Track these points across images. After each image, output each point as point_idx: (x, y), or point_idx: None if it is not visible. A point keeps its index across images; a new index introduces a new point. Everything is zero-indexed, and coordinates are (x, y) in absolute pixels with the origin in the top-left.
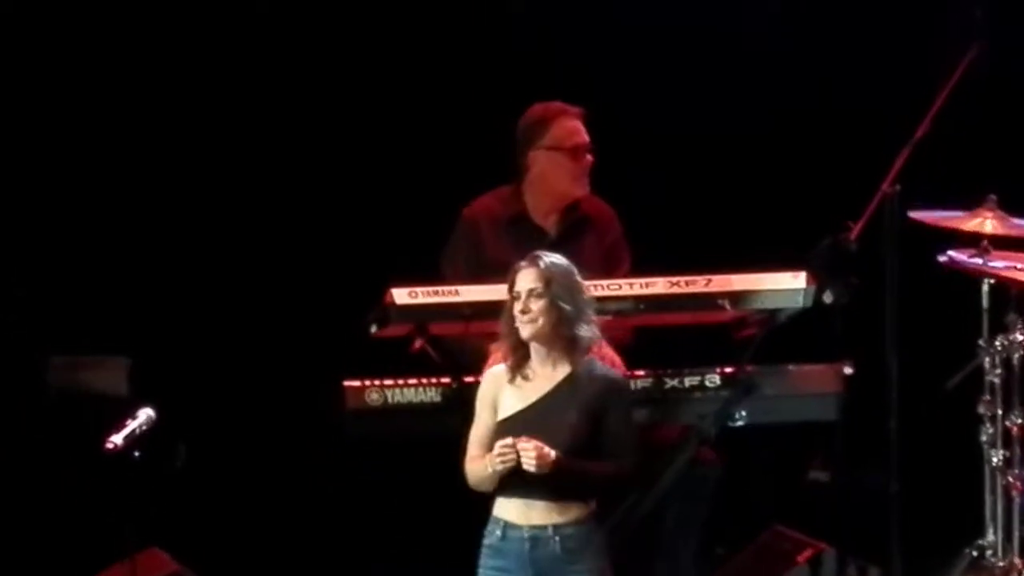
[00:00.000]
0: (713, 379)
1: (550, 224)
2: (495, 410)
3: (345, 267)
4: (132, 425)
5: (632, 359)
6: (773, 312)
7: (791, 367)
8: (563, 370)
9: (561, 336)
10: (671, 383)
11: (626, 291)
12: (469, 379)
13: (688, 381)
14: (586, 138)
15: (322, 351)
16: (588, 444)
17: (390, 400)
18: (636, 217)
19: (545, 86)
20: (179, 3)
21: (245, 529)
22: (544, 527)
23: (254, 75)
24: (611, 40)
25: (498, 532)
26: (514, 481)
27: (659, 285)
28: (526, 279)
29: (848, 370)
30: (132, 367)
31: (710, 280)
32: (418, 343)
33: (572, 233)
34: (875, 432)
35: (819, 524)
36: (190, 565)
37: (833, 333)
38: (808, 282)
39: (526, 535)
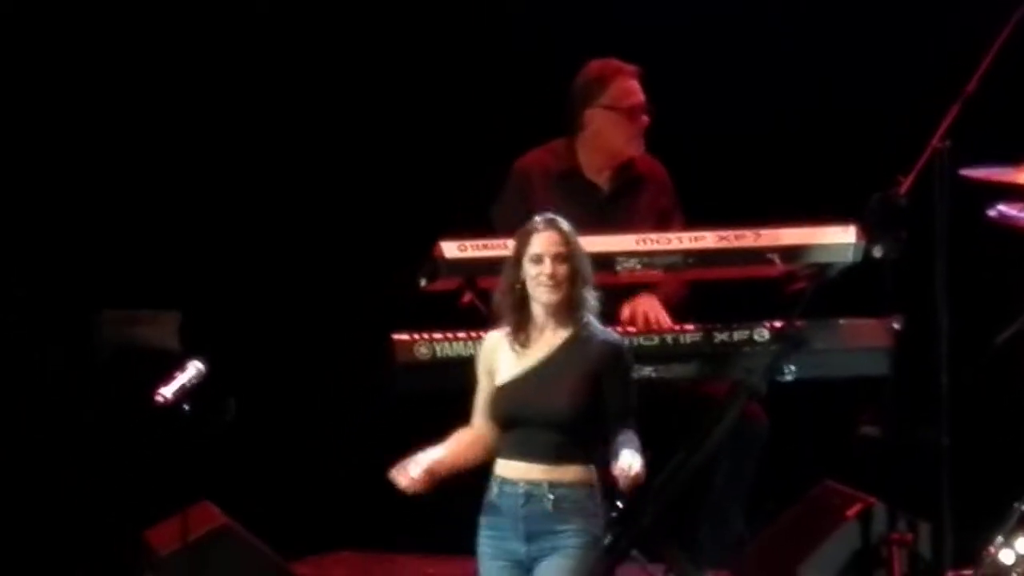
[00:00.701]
0: (762, 333)
1: (603, 180)
2: (492, 376)
3: (394, 221)
4: (182, 379)
5: (681, 313)
6: (823, 266)
7: (841, 321)
8: (562, 334)
9: (573, 299)
10: (720, 337)
11: (675, 245)
12: None
13: (737, 336)
14: (642, 98)
15: (371, 305)
16: (587, 409)
17: (439, 353)
18: (683, 173)
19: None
20: None
21: (294, 483)
22: (539, 483)
23: (303, 47)
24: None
25: (495, 489)
26: (514, 443)
27: (708, 239)
28: (551, 243)
29: (898, 325)
30: (183, 321)
31: (759, 234)
32: (467, 297)
33: (625, 191)
34: (925, 387)
35: (869, 479)
36: (240, 519)
37: (883, 288)
38: (858, 237)
39: (521, 490)
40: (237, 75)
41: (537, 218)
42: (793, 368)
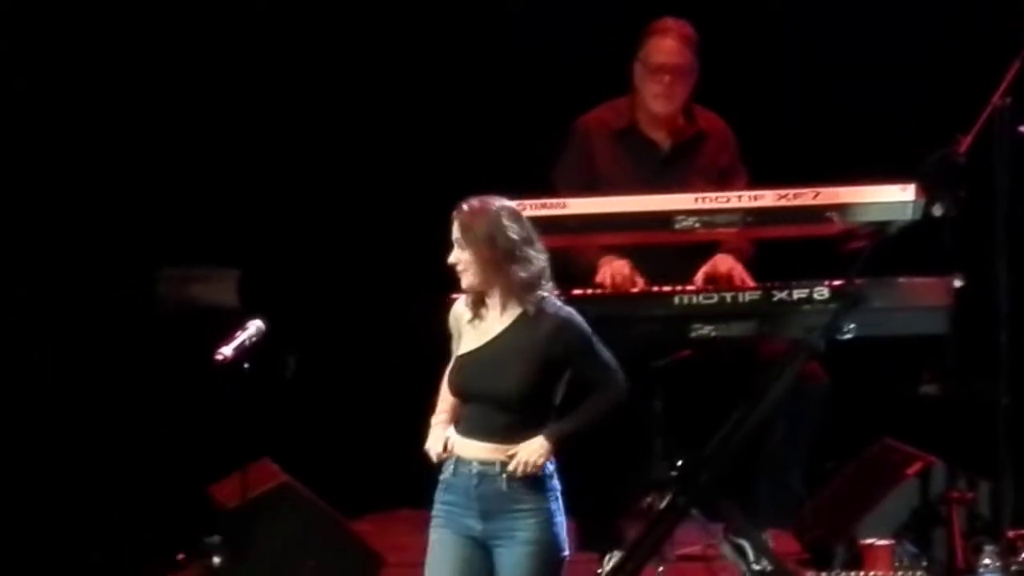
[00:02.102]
0: (822, 292)
1: (661, 137)
2: (458, 343)
3: (452, 180)
4: (242, 337)
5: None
6: (882, 225)
7: (900, 280)
8: (512, 313)
9: (497, 281)
10: (779, 296)
11: (734, 204)
12: (576, 292)
13: (796, 294)
14: (671, 59)
15: (429, 263)
16: (533, 389)
17: None
18: (743, 131)
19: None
20: None
21: (354, 441)
22: (492, 463)
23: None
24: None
25: (451, 467)
26: (468, 419)
27: (767, 198)
28: (455, 229)
29: (958, 283)
30: (242, 279)
31: (818, 193)
32: None
33: (685, 148)
34: (985, 345)
35: (929, 437)
36: (300, 476)
37: (942, 246)
38: (917, 195)
39: (475, 470)
40: (298, 42)
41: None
42: (852, 327)
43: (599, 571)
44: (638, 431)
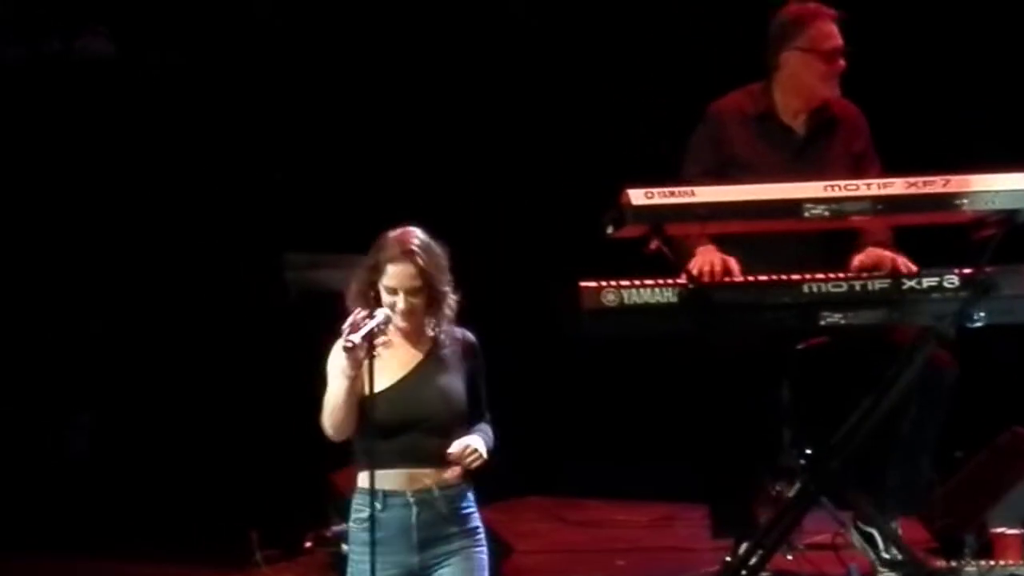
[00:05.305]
0: (951, 280)
1: (798, 124)
2: (356, 382)
3: (583, 168)
4: (370, 324)
5: None
6: (1012, 212)
7: None
8: (426, 340)
9: (432, 317)
10: (908, 284)
11: (864, 192)
12: (704, 280)
13: (926, 282)
14: (840, 42)
15: (559, 252)
16: (462, 409)
17: (626, 300)
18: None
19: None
20: None
21: None
22: (429, 488)
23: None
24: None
25: (377, 504)
26: (397, 451)
27: (897, 186)
28: (405, 276)
29: None
30: None
31: (948, 181)
32: (654, 244)
33: (820, 134)
34: None
35: None
36: None
37: None
38: None
39: (411, 500)
40: (420, 35)
41: (391, 239)
42: (982, 314)
43: (727, 558)
44: (768, 418)
